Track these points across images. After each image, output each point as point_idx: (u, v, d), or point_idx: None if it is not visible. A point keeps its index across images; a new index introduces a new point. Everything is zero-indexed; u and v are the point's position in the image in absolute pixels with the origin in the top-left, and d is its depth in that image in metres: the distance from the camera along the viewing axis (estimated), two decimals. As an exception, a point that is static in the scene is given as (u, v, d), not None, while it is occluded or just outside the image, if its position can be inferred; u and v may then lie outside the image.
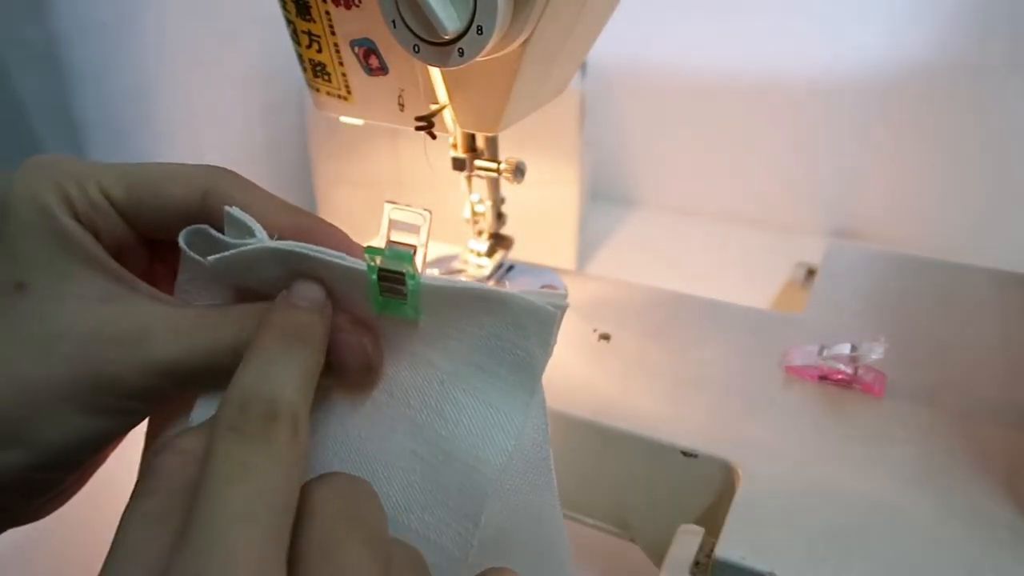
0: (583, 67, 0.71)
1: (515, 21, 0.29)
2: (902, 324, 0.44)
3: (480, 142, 0.43)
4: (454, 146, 0.43)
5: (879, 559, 0.29)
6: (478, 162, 0.43)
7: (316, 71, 0.38)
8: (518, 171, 0.43)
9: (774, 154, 0.86)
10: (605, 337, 0.44)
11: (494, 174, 0.43)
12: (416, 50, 0.30)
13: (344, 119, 0.40)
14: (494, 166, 0.43)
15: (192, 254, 0.23)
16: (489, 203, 0.47)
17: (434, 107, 0.36)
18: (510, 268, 0.51)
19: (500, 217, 0.48)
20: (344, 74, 0.37)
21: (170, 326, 0.22)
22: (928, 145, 0.78)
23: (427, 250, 0.24)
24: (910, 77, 0.75)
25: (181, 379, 0.22)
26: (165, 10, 0.65)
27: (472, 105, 0.36)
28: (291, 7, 0.35)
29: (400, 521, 0.22)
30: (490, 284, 0.48)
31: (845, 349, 0.39)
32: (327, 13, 0.34)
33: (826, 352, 0.39)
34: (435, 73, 0.35)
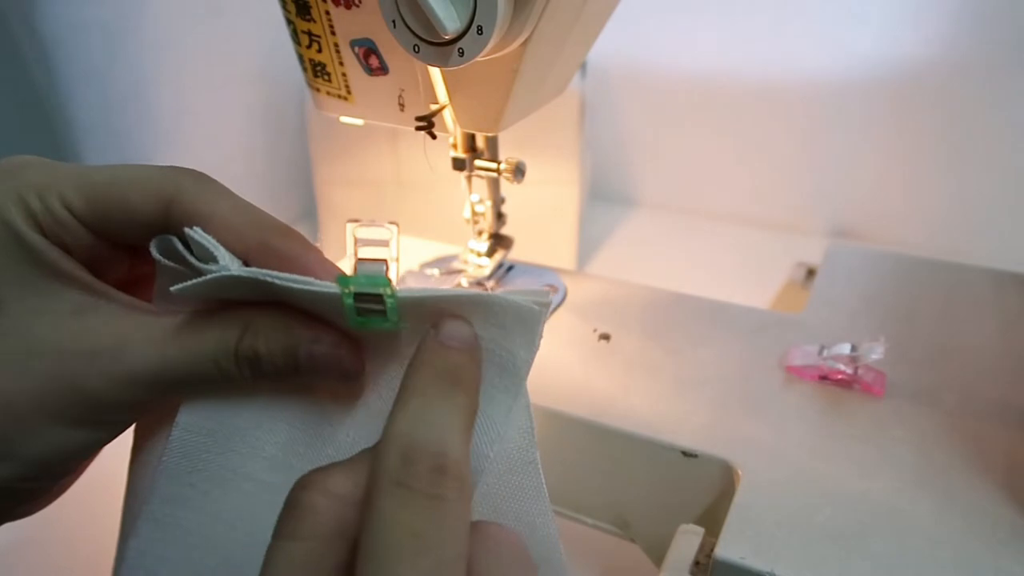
0: (583, 67, 0.71)
1: (515, 21, 0.29)
2: (902, 324, 0.44)
3: (480, 142, 0.43)
4: (454, 146, 0.43)
5: (879, 559, 0.29)
6: (478, 162, 0.43)
7: (316, 71, 0.38)
8: (518, 171, 0.43)
9: (774, 154, 0.86)
10: (605, 337, 0.44)
11: (494, 174, 0.43)
12: (416, 50, 0.30)
13: (344, 119, 0.40)
14: (494, 166, 0.43)
15: (166, 262, 0.22)
16: (489, 203, 0.47)
17: (434, 107, 0.36)
18: (510, 268, 0.51)
19: (500, 217, 0.48)
20: (344, 74, 0.37)
21: (147, 336, 0.21)
22: (928, 145, 0.78)
23: (399, 262, 0.23)
24: (910, 77, 0.75)
25: (162, 390, 0.21)
26: (164, 10, 0.65)
27: (472, 105, 0.36)
28: (291, 7, 0.35)
29: None
30: (489, 284, 0.48)
31: (845, 349, 0.39)
32: (327, 13, 0.34)
33: (826, 352, 0.39)
34: (435, 73, 0.35)
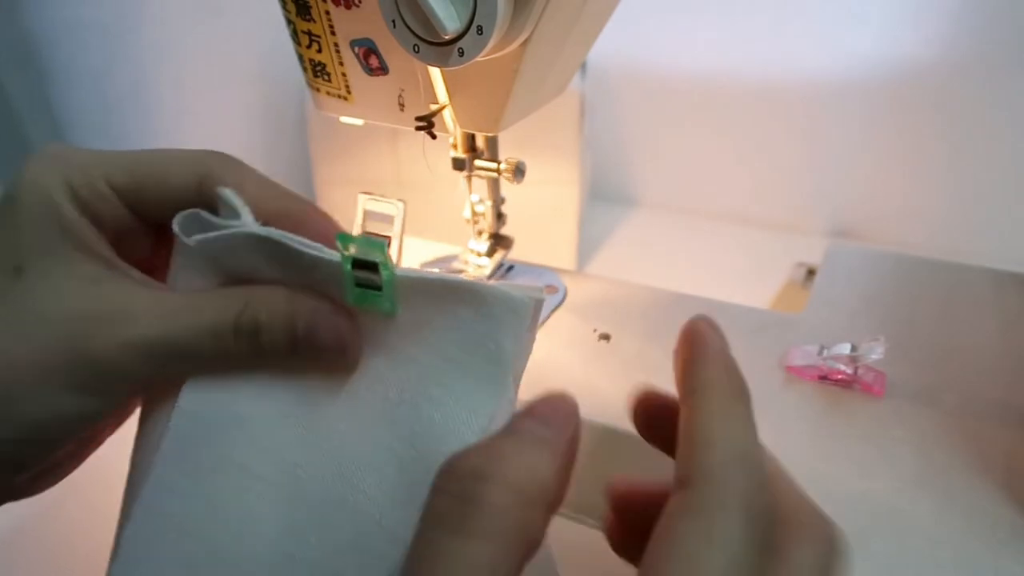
0: (583, 67, 0.71)
1: (515, 21, 0.29)
2: (902, 324, 0.44)
3: (480, 142, 0.43)
4: (454, 146, 0.43)
5: (879, 559, 0.29)
6: (478, 162, 0.43)
7: (316, 71, 0.38)
8: (518, 171, 0.43)
9: (774, 154, 0.86)
10: (605, 337, 0.44)
11: (494, 174, 0.43)
12: (416, 50, 0.30)
13: (344, 119, 0.40)
14: (494, 166, 0.43)
15: (184, 238, 0.23)
16: (489, 203, 0.47)
17: (434, 107, 0.36)
18: (510, 268, 0.51)
19: (500, 217, 0.48)
20: (344, 74, 0.37)
21: (153, 308, 0.23)
22: (928, 145, 0.78)
23: (402, 242, 0.24)
24: (910, 77, 0.75)
25: (161, 360, 0.22)
26: (164, 10, 0.65)
27: (472, 105, 0.36)
28: (291, 7, 0.35)
29: (373, 518, 0.21)
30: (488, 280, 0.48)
31: (845, 349, 0.39)
32: (327, 13, 0.34)
33: (826, 352, 0.39)
34: (435, 73, 0.35)
